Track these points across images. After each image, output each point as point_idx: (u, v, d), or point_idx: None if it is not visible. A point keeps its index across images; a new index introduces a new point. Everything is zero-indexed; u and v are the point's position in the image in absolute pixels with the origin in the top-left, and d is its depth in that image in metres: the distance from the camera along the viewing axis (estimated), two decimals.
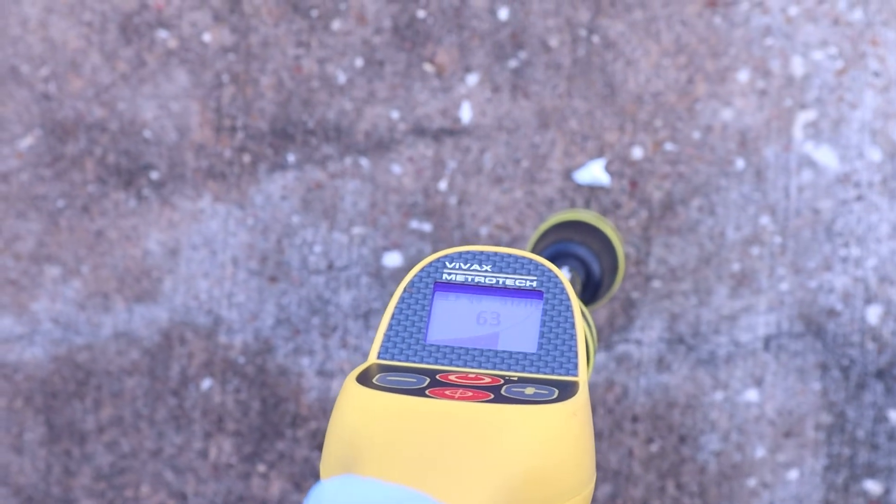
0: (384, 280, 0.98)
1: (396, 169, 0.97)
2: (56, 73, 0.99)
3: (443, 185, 0.97)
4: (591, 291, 0.88)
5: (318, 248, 0.98)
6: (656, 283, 0.96)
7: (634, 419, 0.97)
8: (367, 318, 0.98)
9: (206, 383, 1.00)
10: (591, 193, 0.96)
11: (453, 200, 0.97)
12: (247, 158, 0.98)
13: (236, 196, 0.98)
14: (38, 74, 0.99)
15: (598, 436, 0.98)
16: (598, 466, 0.98)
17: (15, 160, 1.00)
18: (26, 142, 1.00)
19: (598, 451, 0.98)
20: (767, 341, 0.96)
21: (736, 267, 0.96)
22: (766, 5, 0.94)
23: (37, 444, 1.01)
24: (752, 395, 0.97)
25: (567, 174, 0.96)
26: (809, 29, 0.94)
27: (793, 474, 0.97)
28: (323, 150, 0.98)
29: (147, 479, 1.01)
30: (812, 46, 0.95)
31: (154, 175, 0.99)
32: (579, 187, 0.96)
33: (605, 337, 0.97)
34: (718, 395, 0.97)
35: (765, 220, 0.95)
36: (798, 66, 0.95)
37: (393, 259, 0.97)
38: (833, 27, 0.94)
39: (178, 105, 0.98)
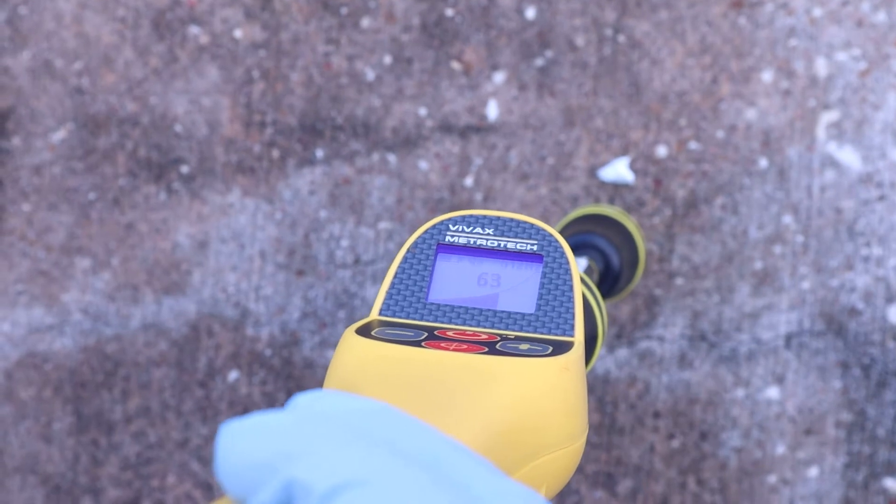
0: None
1: (423, 165, 0.98)
2: (89, 68, 1.00)
3: (469, 181, 0.98)
4: (609, 284, 0.88)
5: (344, 243, 0.99)
6: (679, 281, 0.97)
7: (656, 415, 0.98)
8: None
9: (233, 375, 1.01)
10: (616, 191, 0.97)
11: (479, 197, 0.98)
12: (276, 153, 0.99)
13: (265, 190, 1.00)
14: (71, 69, 1.00)
15: (620, 431, 0.99)
16: (619, 461, 0.99)
17: (48, 153, 1.01)
18: (59, 135, 1.01)
19: (619, 446, 0.99)
20: (789, 339, 0.97)
21: (758, 265, 0.97)
22: (790, 7, 0.95)
23: (65, 434, 1.03)
24: (773, 392, 0.97)
25: (592, 172, 0.97)
26: (833, 30, 0.95)
27: (813, 472, 0.98)
28: (351, 145, 0.99)
29: (173, 469, 1.02)
30: (836, 48, 0.95)
31: (184, 169, 1.00)
32: (604, 185, 0.97)
33: (628, 333, 0.98)
34: (740, 393, 0.98)
35: (787, 219, 0.96)
36: (822, 67, 0.96)
37: None
38: (857, 29, 0.95)
39: (208, 100, 1.00)
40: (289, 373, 1.01)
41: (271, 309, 1.00)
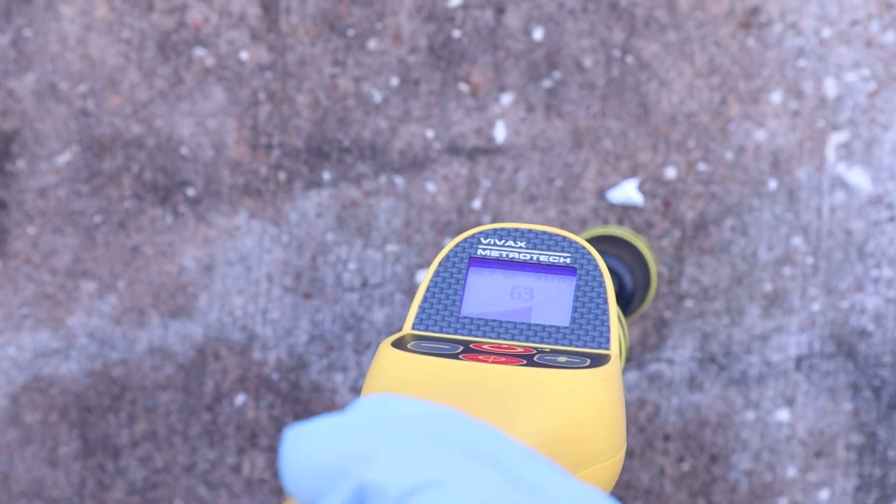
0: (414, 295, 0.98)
1: (431, 187, 0.98)
2: (94, 90, 1.00)
3: (477, 203, 0.98)
4: (622, 305, 0.88)
5: (352, 266, 0.99)
6: (688, 303, 0.97)
7: (666, 438, 0.98)
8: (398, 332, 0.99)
9: (240, 399, 1.01)
10: (624, 213, 0.97)
11: (487, 219, 0.98)
12: (282, 176, 0.99)
13: (271, 213, 0.99)
14: (76, 91, 1.00)
15: (630, 454, 0.98)
16: (629, 485, 0.98)
17: (53, 176, 1.01)
18: (64, 157, 1.00)
19: (629, 469, 0.98)
20: (799, 361, 0.97)
21: (768, 287, 0.96)
22: (799, 27, 0.95)
23: (71, 458, 1.02)
24: (783, 414, 0.97)
25: (600, 194, 0.97)
26: (842, 51, 0.95)
27: (824, 494, 0.97)
28: (358, 168, 0.98)
29: (180, 493, 1.02)
30: (845, 68, 0.95)
31: (190, 192, 1.00)
32: (612, 207, 0.97)
33: (638, 356, 0.98)
34: (750, 415, 0.97)
35: (797, 240, 0.96)
36: (831, 88, 0.95)
37: None
38: (866, 49, 0.95)
39: (214, 122, 0.99)
40: (296, 397, 1.00)
41: (278, 332, 1.00)
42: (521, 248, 0.52)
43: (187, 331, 1.01)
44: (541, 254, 0.52)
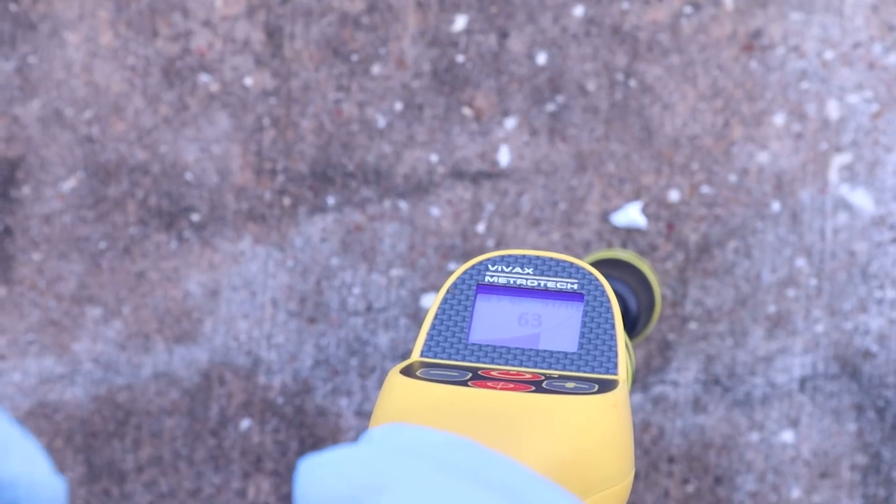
0: (422, 322, 0.98)
1: (435, 211, 0.98)
2: (99, 116, 1.00)
3: (481, 227, 0.98)
4: (627, 328, 0.88)
5: (356, 290, 0.99)
6: (692, 325, 0.97)
7: (670, 460, 0.98)
8: (406, 359, 0.99)
9: (245, 423, 1.01)
10: (628, 236, 0.97)
11: (491, 243, 0.98)
12: (287, 201, 0.99)
13: (276, 238, 0.99)
14: (81, 117, 1.00)
15: (635, 476, 0.98)
16: None
17: (58, 202, 1.01)
18: (69, 184, 1.01)
19: (634, 491, 0.98)
20: (803, 382, 0.97)
21: (772, 309, 0.96)
22: (801, 49, 0.95)
23: (76, 484, 1.02)
24: (787, 436, 0.97)
25: (604, 217, 0.97)
26: (845, 73, 0.95)
27: None
28: (362, 192, 0.99)
29: None
30: (847, 90, 0.95)
31: (195, 217, 1.00)
32: (616, 230, 0.97)
33: (642, 378, 0.98)
34: (754, 436, 0.97)
35: (800, 262, 0.96)
36: (834, 110, 0.96)
37: (431, 301, 0.98)
38: (868, 71, 0.95)
39: (219, 148, 0.99)
40: (301, 421, 1.00)
41: (283, 357, 1.00)
42: (528, 274, 0.53)
43: (192, 356, 1.01)
44: (548, 280, 0.52)
